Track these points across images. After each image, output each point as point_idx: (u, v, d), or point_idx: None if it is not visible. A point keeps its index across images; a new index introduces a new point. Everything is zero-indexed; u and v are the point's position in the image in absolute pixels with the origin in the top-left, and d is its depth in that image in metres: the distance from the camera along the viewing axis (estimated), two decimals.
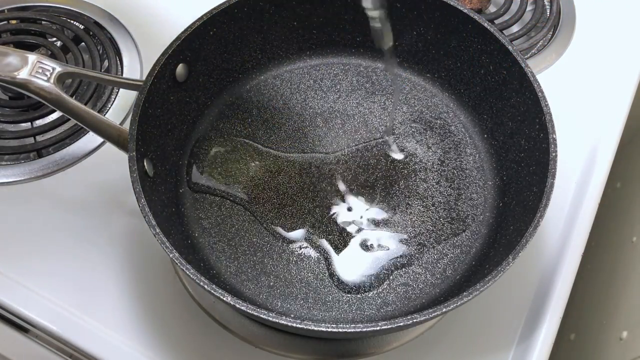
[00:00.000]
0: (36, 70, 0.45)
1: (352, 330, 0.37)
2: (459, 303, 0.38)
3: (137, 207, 0.41)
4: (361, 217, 0.50)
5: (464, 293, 0.38)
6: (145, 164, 0.45)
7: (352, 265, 0.48)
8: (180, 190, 0.51)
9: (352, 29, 0.57)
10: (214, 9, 0.50)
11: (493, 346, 0.48)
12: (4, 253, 0.50)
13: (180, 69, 0.50)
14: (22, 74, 0.45)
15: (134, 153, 0.43)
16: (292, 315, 0.46)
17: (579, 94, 0.60)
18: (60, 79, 0.46)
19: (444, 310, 0.38)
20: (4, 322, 0.53)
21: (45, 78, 0.45)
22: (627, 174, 0.68)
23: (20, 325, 0.51)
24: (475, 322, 0.48)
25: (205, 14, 0.50)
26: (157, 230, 0.40)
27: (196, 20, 0.50)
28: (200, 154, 0.53)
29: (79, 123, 0.46)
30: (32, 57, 0.46)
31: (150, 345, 0.47)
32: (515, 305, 0.49)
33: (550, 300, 0.49)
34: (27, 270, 0.49)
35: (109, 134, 0.46)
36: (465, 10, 0.51)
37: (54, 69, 0.46)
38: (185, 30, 0.49)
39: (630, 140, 0.68)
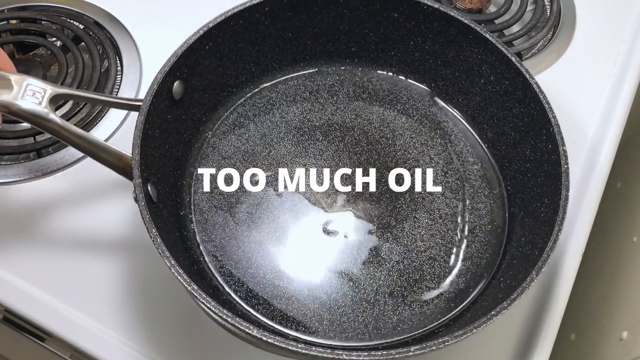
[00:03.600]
0: (25, 92, 0.42)
1: (385, 358, 0.36)
2: (487, 323, 0.38)
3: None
4: (369, 233, 0.49)
5: (492, 312, 0.38)
6: (149, 189, 0.43)
7: (364, 282, 0.47)
8: (181, 213, 0.49)
9: (347, 39, 0.56)
10: (210, 22, 0.48)
11: (493, 346, 0.48)
12: (4, 253, 0.49)
13: (176, 86, 0.48)
14: (8, 97, 0.42)
15: (139, 180, 0.41)
16: (307, 339, 0.44)
17: (579, 94, 0.60)
18: (53, 101, 0.43)
19: (474, 331, 0.37)
20: (4, 321, 0.52)
21: (37, 101, 0.42)
22: (627, 174, 0.69)
23: (20, 325, 0.51)
24: None
25: (201, 28, 0.48)
26: (172, 262, 0.38)
27: (192, 35, 0.48)
28: (199, 173, 0.51)
29: (75, 148, 0.43)
30: (18, 78, 0.43)
31: (151, 345, 0.46)
32: (516, 305, 0.49)
33: (550, 301, 0.49)
34: (26, 270, 0.48)
35: (109, 161, 0.43)
36: (466, 21, 0.50)
37: (45, 90, 0.43)
38: (182, 45, 0.47)
39: (630, 140, 0.69)
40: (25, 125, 0.55)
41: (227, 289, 0.46)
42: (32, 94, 0.42)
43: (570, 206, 0.53)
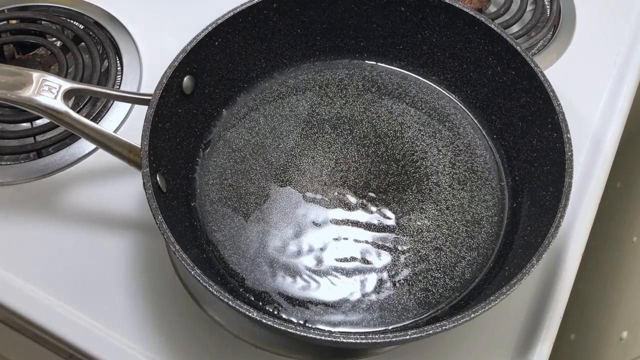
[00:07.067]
0: (42, 87, 0.44)
1: (382, 340, 0.37)
2: (486, 308, 0.38)
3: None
4: (375, 223, 0.49)
5: (491, 297, 0.38)
6: (158, 179, 0.44)
7: (369, 272, 0.47)
8: (192, 204, 0.50)
9: (355, 34, 0.57)
10: (219, 19, 0.50)
11: (493, 346, 0.47)
12: (3, 253, 0.50)
13: (186, 81, 0.49)
14: (27, 93, 0.44)
15: (147, 169, 0.42)
16: (314, 325, 0.45)
17: (579, 94, 0.60)
18: (67, 96, 0.45)
19: (472, 316, 0.37)
20: (4, 321, 0.53)
21: (52, 96, 0.44)
22: (627, 174, 0.68)
23: (20, 325, 0.51)
24: (476, 322, 0.48)
25: (210, 25, 0.50)
26: (177, 247, 0.39)
27: (201, 32, 0.49)
28: (210, 166, 0.52)
29: (88, 140, 0.45)
30: (36, 75, 0.45)
31: (150, 345, 0.46)
32: (515, 305, 0.49)
33: (550, 300, 0.49)
34: (26, 270, 0.49)
35: (120, 152, 0.45)
36: (472, 12, 0.51)
37: (60, 86, 0.45)
38: (191, 42, 0.49)
39: (630, 140, 0.68)
40: (25, 125, 0.56)
41: (232, 277, 0.47)
42: (47, 89, 0.44)
43: (571, 204, 0.53)
